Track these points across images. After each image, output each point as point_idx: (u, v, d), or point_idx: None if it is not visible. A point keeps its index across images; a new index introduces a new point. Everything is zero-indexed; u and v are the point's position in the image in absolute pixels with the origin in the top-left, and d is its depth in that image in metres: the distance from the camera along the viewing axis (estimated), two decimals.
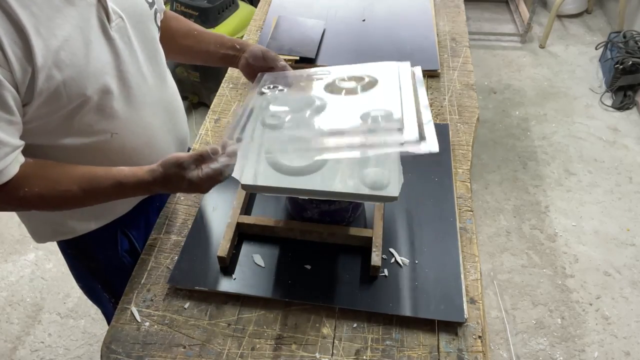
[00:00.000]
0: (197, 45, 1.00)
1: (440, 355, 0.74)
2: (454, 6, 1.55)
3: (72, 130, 0.74)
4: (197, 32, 1.01)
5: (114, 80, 0.75)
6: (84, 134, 0.76)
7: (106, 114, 0.76)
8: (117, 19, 0.73)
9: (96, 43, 0.70)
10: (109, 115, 0.77)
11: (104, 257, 0.98)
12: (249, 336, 0.77)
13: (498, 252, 1.93)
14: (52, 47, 0.64)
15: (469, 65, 1.29)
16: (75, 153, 0.77)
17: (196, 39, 1.00)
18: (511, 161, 2.30)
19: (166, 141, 0.91)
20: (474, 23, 3.25)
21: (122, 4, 0.75)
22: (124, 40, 0.76)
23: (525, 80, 2.78)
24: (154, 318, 0.80)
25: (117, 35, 0.74)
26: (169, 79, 0.93)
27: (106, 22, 0.71)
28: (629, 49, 2.54)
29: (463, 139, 1.08)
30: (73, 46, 0.67)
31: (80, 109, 0.72)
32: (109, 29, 0.72)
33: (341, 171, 0.88)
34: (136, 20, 0.78)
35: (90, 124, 0.75)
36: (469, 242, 0.88)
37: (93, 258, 0.99)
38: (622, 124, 2.47)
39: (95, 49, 0.70)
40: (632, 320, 1.70)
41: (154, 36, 0.84)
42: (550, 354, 1.62)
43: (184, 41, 1.00)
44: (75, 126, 0.74)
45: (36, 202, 0.72)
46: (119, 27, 0.74)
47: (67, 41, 0.66)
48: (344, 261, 0.86)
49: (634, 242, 1.94)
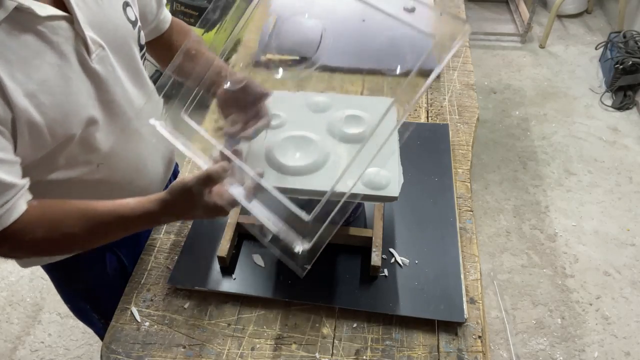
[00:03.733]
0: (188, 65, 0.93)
1: (440, 355, 0.74)
2: (454, 6, 1.55)
3: (57, 165, 0.71)
4: (195, 51, 0.92)
5: (98, 112, 0.71)
6: (69, 167, 0.73)
7: (91, 145, 0.73)
8: (97, 49, 0.69)
9: (76, 79, 0.67)
10: (94, 147, 0.73)
11: (92, 278, 0.95)
12: (249, 336, 0.77)
13: (498, 252, 1.92)
14: (29, 91, 0.60)
15: (469, 65, 1.29)
16: (61, 187, 0.74)
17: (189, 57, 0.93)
18: (511, 161, 2.30)
19: (154, 162, 0.88)
20: (474, 23, 3.25)
21: (103, 30, 0.70)
22: (107, 69, 0.71)
23: (525, 80, 2.78)
24: (153, 318, 0.80)
25: (98, 66, 0.69)
26: (155, 96, 0.88)
27: (86, 55, 0.67)
28: (629, 49, 2.54)
29: (463, 139, 1.08)
30: (52, 87, 0.63)
31: (65, 146, 0.69)
32: (89, 62, 0.68)
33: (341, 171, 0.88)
34: (118, 44, 0.73)
35: (75, 156, 0.72)
36: (469, 242, 0.88)
37: (80, 279, 0.95)
38: (622, 124, 2.47)
39: (75, 85, 0.66)
40: (632, 320, 1.70)
41: (137, 57, 0.80)
42: (550, 354, 1.62)
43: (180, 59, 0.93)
44: (61, 161, 0.71)
45: (45, 247, 0.68)
46: (100, 57, 0.69)
47: (44, 83, 0.62)
48: (344, 261, 0.86)
49: (634, 242, 1.94)
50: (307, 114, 1.04)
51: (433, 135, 1.07)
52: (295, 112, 1.04)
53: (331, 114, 1.02)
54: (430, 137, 1.06)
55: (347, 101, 1.08)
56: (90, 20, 0.67)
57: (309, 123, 1.00)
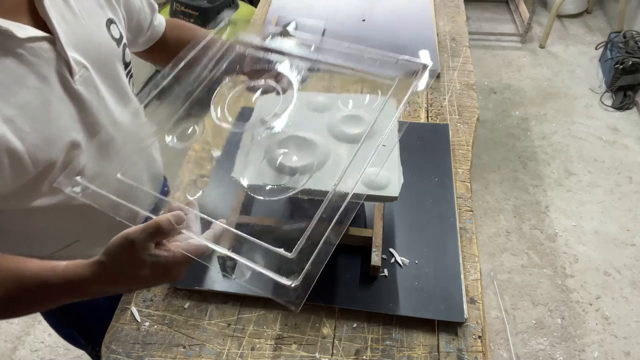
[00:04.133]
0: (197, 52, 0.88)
1: (440, 355, 0.74)
2: (454, 6, 1.55)
3: (40, 192, 0.68)
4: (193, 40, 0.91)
5: (80, 135, 0.68)
6: (53, 194, 0.69)
7: None
8: (81, 70, 0.66)
9: (58, 102, 0.64)
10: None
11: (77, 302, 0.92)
12: (249, 336, 0.77)
13: (498, 252, 1.93)
14: (7, 117, 0.58)
15: (469, 65, 1.30)
16: (45, 214, 0.71)
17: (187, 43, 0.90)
18: (511, 161, 2.30)
19: (140, 180, 0.84)
20: (474, 23, 3.25)
21: (86, 50, 0.67)
22: (90, 90, 0.68)
23: (525, 80, 2.78)
24: (153, 318, 0.80)
25: (81, 87, 0.66)
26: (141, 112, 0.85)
27: (68, 77, 0.64)
28: (629, 49, 2.54)
29: (463, 139, 1.08)
30: (31, 111, 0.60)
31: (48, 171, 0.66)
32: (72, 83, 0.65)
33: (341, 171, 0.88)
34: (102, 64, 0.71)
35: None
36: (469, 242, 0.88)
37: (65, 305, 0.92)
38: (622, 124, 2.47)
39: (56, 109, 0.63)
40: (632, 320, 1.70)
41: (122, 76, 0.77)
42: (550, 354, 1.62)
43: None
44: (44, 188, 0.67)
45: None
46: (83, 78, 0.67)
47: (23, 107, 0.59)
48: (343, 261, 0.86)
49: (634, 242, 1.94)
50: (307, 114, 1.04)
51: (433, 135, 1.07)
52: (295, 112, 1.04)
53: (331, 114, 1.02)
54: (430, 137, 1.06)
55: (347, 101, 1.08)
56: (73, 40, 0.64)
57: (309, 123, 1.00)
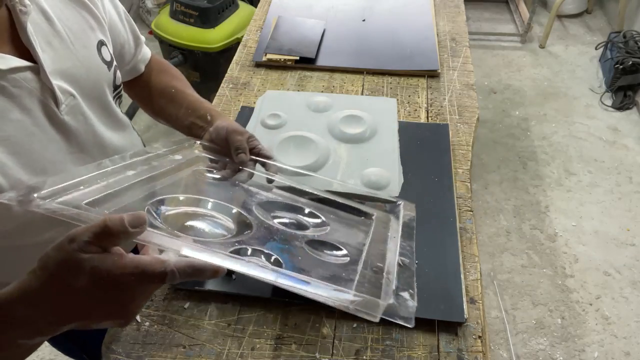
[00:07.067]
0: (168, 105, 0.86)
1: (440, 355, 0.74)
2: (454, 6, 1.55)
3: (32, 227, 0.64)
4: (175, 90, 0.87)
5: (67, 165, 0.66)
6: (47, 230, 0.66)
7: None
8: (67, 99, 0.63)
9: (42, 135, 0.61)
10: None
11: None
12: (249, 336, 0.77)
13: (498, 252, 1.93)
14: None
15: (469, 65, 1.29)
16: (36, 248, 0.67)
17: (170, 98, 0.86)
18: (511, 161, 2.30)
19: None
20: (474, 23, 3.25)
21: (74, 77, 0.64)
22: (78, 118, 0.65)
23: (525, 80, 2.78)
24: (153, 318, 0.80)
25: (68, 117, 0.63)
26: (133, 134, 0.83)
27: (53, 107, 0.61)
28: (629, 49, 2.54)
29: (463, 139, 1.08)
30: (15, 145, 0.57)
31: None
32: (57, 114, 0.62)
33: (341, 171, 0.88)
34: (90, 90, 0.68)
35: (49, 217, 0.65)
36: (469, 242, 0.88)
37: None
38: (622, 124, 2.47)
39: (41, 141, 0.61)
40: (632, 320, 1.70)
41: (110, 100, 0.74)
42: (550, 354, 1.62)
43: (158, 100, 0.87)
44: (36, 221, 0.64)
45: None
46: (70, 107, 0.63)
47: (6, 142, 0.57)
48: None
49: (634, 242, 1.94)
50: (307, 114, 1.04)
51: (433, 135, 1.07)
52: (295, 112, 1.04)
53: (331, 114, 1.02)
54: (430, 137, 1.06)
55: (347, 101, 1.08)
56: (60, 68, 0.62)
57: (309, 123, 1.00)
